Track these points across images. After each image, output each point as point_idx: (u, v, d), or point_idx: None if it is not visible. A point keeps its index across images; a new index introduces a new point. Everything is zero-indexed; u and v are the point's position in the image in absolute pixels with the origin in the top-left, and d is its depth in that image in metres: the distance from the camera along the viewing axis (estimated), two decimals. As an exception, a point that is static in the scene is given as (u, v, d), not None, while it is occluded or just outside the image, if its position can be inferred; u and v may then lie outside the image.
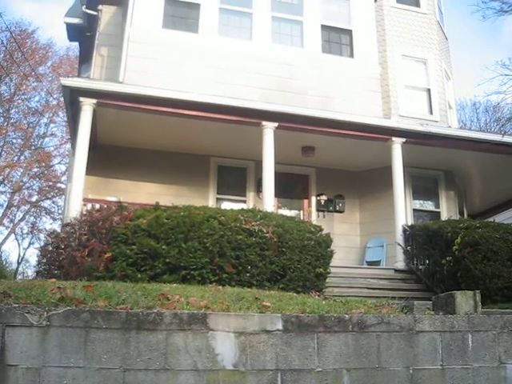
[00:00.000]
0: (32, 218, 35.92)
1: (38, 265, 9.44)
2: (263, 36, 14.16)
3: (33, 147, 33.83)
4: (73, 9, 17.80)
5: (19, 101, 33.10)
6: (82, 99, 11.27)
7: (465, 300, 5.47)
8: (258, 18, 14.28)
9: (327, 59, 14.48)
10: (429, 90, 16.36)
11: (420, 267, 12.01)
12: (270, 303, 5.31)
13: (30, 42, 33.67)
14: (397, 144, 13.16)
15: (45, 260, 9.08)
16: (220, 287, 7.10)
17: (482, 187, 17.17)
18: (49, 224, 35.55)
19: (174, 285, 7.06)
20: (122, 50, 13.33)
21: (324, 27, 14.79)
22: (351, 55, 14.81)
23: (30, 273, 33.42)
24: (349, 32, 15.01)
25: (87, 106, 11.28)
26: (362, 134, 12.94)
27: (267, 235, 8.82)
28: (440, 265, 10.94)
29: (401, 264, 12.43)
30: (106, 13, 16.29)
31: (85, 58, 18.17)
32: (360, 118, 12.94)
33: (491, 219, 14.63)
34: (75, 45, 25.92)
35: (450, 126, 16.16)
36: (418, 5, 17.48)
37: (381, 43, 15.96)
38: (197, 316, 4.51)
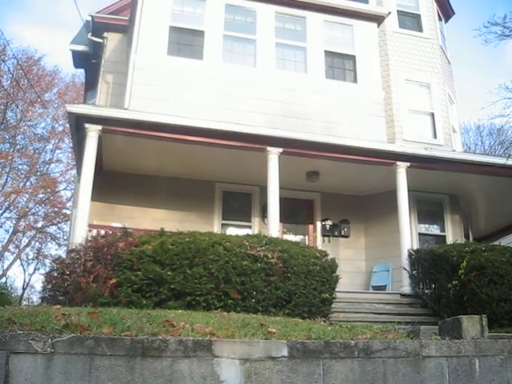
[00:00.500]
0: (37, 243, 36.04)
1: (43, 291, 9.46)
2: (267, 62, 14.27)
3: (38, 173, 34.02)
4: (79, 36, 18.02)
5: (25, 127, 33.44)
6: (87, 125, 11.32)
7: (471, 324, 5.43)
8: (262, 45, 14.41)
9: (331, 84, 14.57)
10: (432, 114, 16.43)
11: (426, 291, 11.96)
12: (276, 329, 5.28)
13: (36, 68, 34.08)
14: (401, 168, 13.16)
15: (50, 286, 9.09)
16: (225, 313, 7.09)
17: (487, 210, 17.15)
18: (54, 250, 35.62)
19: (179, 311, 7.04)
20: (128, 77, 13.44)
21: (327, 53, 14.91)
22: (355, 80, 14.90)
23: (35, 299, 33.40)
24: (352, 57, 15.12)
25: (92, 132, 11.33)
26: (367, 158, 12.96)
27: (272, 261, 8.82)
28: (446, 289, 10.89)
29: (407, 288, 12.37)
30: (112, 40, 16.51)
31: (90, 84, 18.36)
32: (364, 143, 12.96)
33: (497, 242, 14.60)
34: (81, 71, 26.26)
35: (454, 150, 16.19)
36: (420, 30, 17.63)
37: (384, 68, 16.07)
38: (202, 343, 4.49)
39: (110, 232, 10.33)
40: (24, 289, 36.96)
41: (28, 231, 34.57)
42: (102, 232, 10.74)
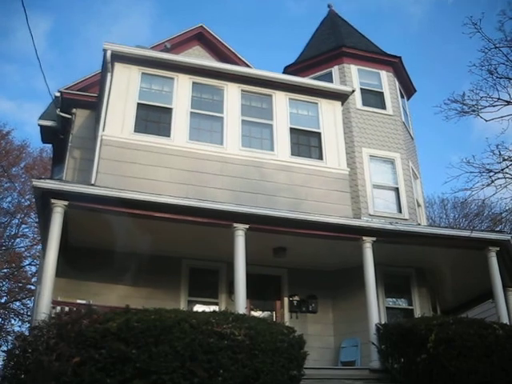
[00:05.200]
0: (0, 319, 35.12)
1: (4, 369, 9.24)
2: (234, 140, 14.53)
3: (3, 248, 33.51)
4: (47, 112, 18.18)
5: (-10, 201, 33.10)
6: (53, 201, 11.25)
7: (440, 400, 5.41)
8: (229, 122, 14.70)
9: (297, 161, 14.82)
10: (397, 189, 16.72)
11: (395, 366, 11.83)
12: (242, 410, 5.20)
13: (4, 142, 34.09)
14: (367, 243, 13.23)
15: (11, 364, 8.87)
16: (191, 393, 6.97)
17: (454, 283, 17.21)
18: (17, 326, 34.75)
19: (144, 391, 6.91)
20: (95, 153, 13.54)
21: (293, 130, 15.27)
22: (320, 157, 15.17)
23: (-4, 377, 32.23)
24: (317, 134, 15.47)
25: (58, 207, 11.26)
26: (333, 234, 13.06)
27: (239, 338, 8.73)
28: (415, 363, 10.83)
29: (376, 363, 12.24)
30: (80, 116, 16.70)
31: (58, 159, 18.40)
32: (330, 219, 13.08)
33: (464, 315, 14.67)
34: (49, 146, 26.25)
35: (419, 224, 16.41)
36: (383, 107, 18.16)
37: (349, 144, 16.44)
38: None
39: (75, 309, 10.16)
40: (-15, 366, 35.74)
41: (-10, 307, 33.82)
42: (67, 309, 10.56)
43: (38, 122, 17.84)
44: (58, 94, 16.66)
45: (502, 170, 12.37)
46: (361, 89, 18.14)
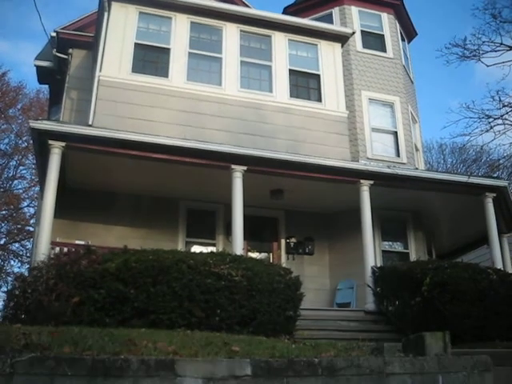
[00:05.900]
0: (0, 261, 35.39)
1: (4, 309, 9.30)
2: (232, 81, 14.36)
3: (1, 189, 33.50)
4: (44, 52, 17.91)
5: (-12, 143, 32.90)
6: (50, 142, 11.18)
7: (434, 341, 5.46)
8: (228, 63, 14.51)
9: (295, 103, 14.70)
10: (396, 133, 16.65)
11: (390, 308, 12.00)
12: (239, 348, 5.26)
13: (0, 84, 33.66)
14: (365, 186, 13.24)
15: (11, 304, 8.94)
16: (189, 332, 7.04)
17: (450, 228, 17.34)
18: (17, 268, 35.02)
19: (143, 329, 6.95)
20: (92, 94, 13.40)
21: (292, 72, 15.09)
22: (319, 99, 15.03)
23: (-3, 317, 32.60)
24: (317, 76, 15.29)
25: (56, 148, 11.19)
26: (331, 176, 13.04)
27: (236, 279, 8.79)
28: (409, 306, 10.95)
29: (371, 305, 12.40)
30: (77, 56, 16.44)
31: (55, 100, 18.21)
32: (328, 161, 13.04)
33: (459, 259, 14.76)
34: (46, 87, 25.95)
35: (417, 168, 16.40)
36: (384, 50, 17.91)
37: (348, 87, 16.28)
38: (164, 362, 4.43)
39: (73, 249, 10.19)
40: (-15, 307, 36.04)
41: (-10, 248, 34.01)
42: (65, 249, 10.60)
43: (34, 63, 17.61)
44: (54, 34, 16.33)
45: (502, 116, 12.31)
46: (361, 31, 17.87)
